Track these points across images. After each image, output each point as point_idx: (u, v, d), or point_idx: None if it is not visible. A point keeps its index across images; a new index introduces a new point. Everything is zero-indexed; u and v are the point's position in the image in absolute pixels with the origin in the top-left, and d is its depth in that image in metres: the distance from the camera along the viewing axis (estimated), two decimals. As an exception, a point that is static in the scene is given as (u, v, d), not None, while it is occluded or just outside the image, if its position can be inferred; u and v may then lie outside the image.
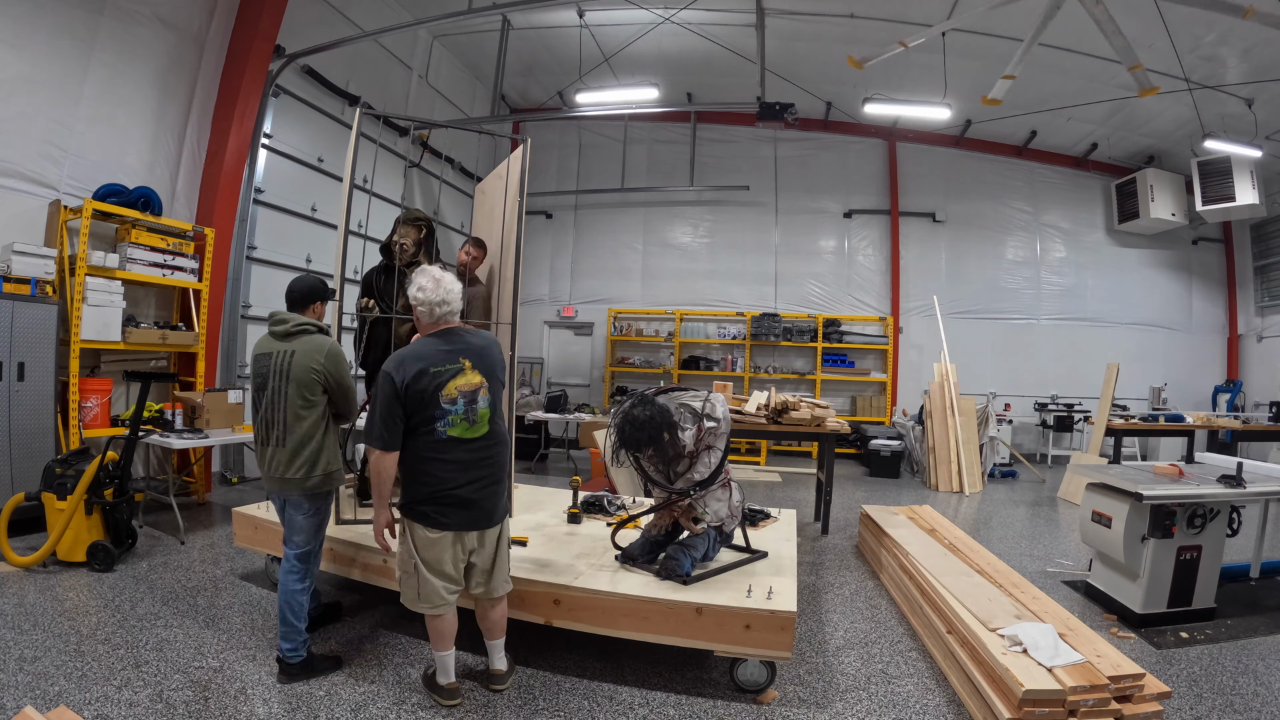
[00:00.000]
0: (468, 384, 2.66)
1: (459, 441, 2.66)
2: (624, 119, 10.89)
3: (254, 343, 3.19)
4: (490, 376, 2.72)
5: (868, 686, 3.09)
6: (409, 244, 4.18)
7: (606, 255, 12.12)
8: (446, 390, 2.62)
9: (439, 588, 2.69)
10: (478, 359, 2.71)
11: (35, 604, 3.55)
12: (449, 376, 2.64)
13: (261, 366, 2.97)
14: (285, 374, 2.90)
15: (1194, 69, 8.16)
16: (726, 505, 3.39)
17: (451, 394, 2.63)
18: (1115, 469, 4.48)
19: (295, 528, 2.98)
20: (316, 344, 2.95)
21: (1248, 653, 3.53)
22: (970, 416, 8.58)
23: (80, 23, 5.42)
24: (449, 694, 2.77)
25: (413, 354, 2.67)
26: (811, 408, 5.98)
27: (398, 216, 4.29)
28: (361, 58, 8.29)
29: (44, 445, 4.74)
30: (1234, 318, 11.65)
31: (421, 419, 2.62)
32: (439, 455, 2.64)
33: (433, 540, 2.67)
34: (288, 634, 2.89)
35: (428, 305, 2.71)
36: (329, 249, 7.82)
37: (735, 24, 8.54)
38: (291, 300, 3.10)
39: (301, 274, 3.34)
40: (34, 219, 5.20)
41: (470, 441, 2.68)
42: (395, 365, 2.63)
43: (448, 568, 2.69)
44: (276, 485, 2.96)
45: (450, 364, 2.65)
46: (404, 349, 2.73)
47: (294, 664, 2.90)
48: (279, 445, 2.92)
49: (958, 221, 11.63)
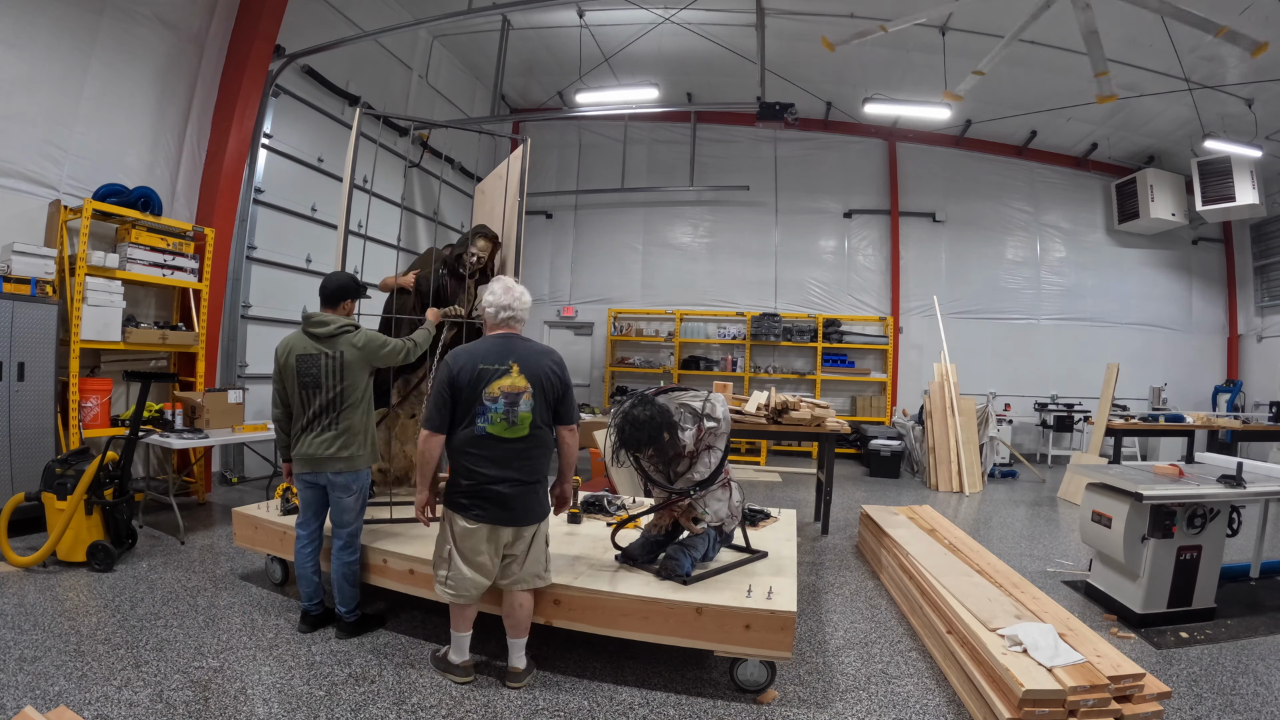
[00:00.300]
0: (512, 386, 2.81)
1: (496, 439, 2.80)
2: (624, 119, 10.89)
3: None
4: (536, 384, 2.85)
5: (868, 686, 3.09)
6: (486, 257, 4.29)
7: (606, 255, 12.13)
8: (490, 389, 2.79)
9: (469, 578, 2.84)
10: (526, 365, 2.85)
11: (35, 604, 3.55)
12: (495, 376, 2.81)
13: (311, 366, 3.27)
14: (339, 372, 3.27)
15: (1194, 69, 8.16)
16: (726, 505, 3.39)
17: (494, 393, 2.79)
18: (1115, 469, 4.48)
19: (343, 508, 3.32)
20: (355, 339, 3.32)
21: (1248, 653, 3.52)
22: (970, 416, 8.58)
23: (80, 23, 5.42)
24: (462, 672, 2.94)
25: (469, 349, 2.90)
26: (811, 408, 5.98)
27: (468, 230, 4.37)
28: (361, 58, 8.29)
29: (44, 445, 4.74)
30: (1234, 318, 11.66)
31: (466, 412, 2.80)
32: (476, 449, 2.80)
33: (469, 531, 2.83)
34: (344, 599, 3.34)
35: (495, 308, 2.96)
36: (329, 249, 7.82)
37: (735, 24, 8.54)
38: (324, 297, 3.41)
39: (334, 272, 3.59)
40: (34, 219, 5.20)
41: (508, 441, 2.81)
42: (453, 356, 2.87)
43: (483, 558, 2.84)
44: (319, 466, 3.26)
45: (499, 364, 2.82)
46: (466, 344, 2.97)
47: (351, 623, 3.34)
48: (330, 430, 3.26)
49: (958, 221, 11.63)
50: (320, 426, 3.26)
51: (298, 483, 3.38)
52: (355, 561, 3.37)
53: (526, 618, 2.95)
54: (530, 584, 2.93)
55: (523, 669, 2.94)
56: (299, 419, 3.32)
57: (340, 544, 3.33)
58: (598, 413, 9.16)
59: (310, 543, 3.38)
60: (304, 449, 3.28)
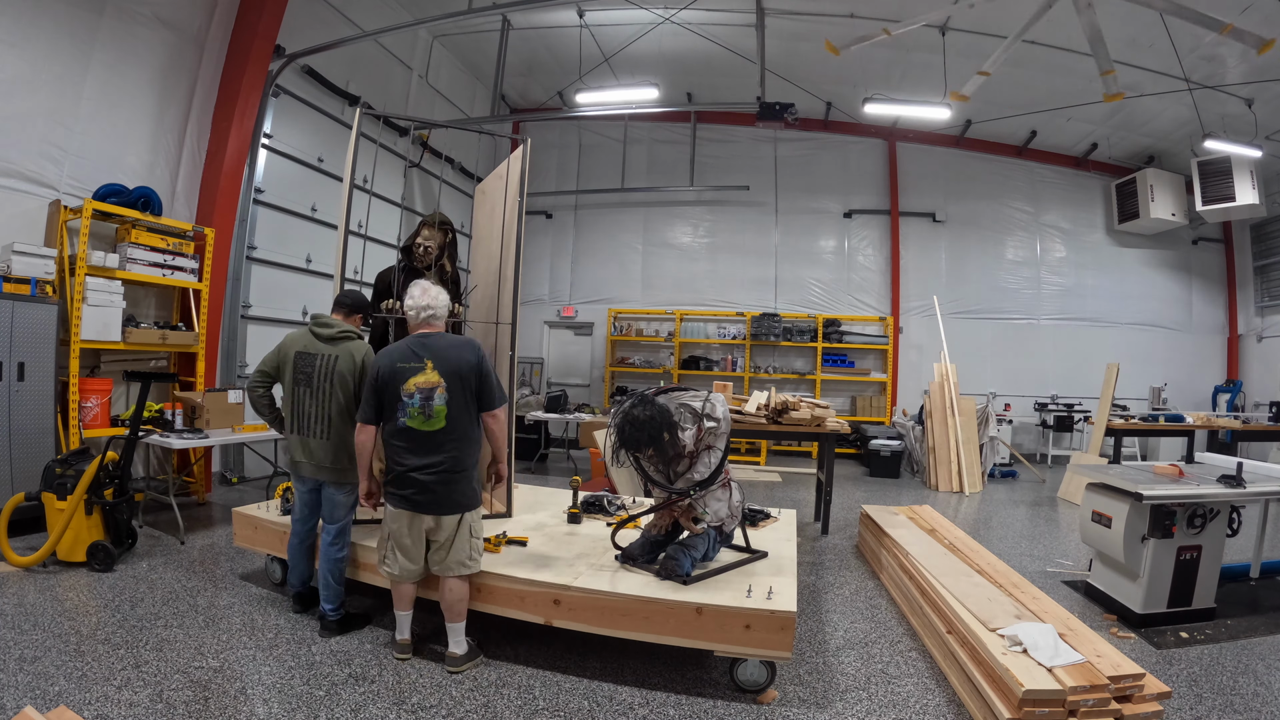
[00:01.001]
0: (426, 382, 2.99)
1: (413, 432, 2.99)
2: (624, 119, 10.89)
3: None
4: (453, 377, 3.01)
5: (868, 686, 3.09)
6: (433, 246, 4.22)
7: (606, 255, 12.12)
8: (406, 385, 2.99)
9: (398, 561, 3.08)
10: (440, 360, 3.02)
11: (35, 604, 3.55)
12: (411, 373, 3.00)
13: (307, 364, 3.39)
14: (330, 375, 3.36)
15: (1194, 69, 8.16)
16: (726, 505, 3.39)
17: (410, 389, 2.98)
18: (1115, 469, 4.48)
19: (335, 504, 3.43)
20: (355, 348, 3.43)
21: (1248, 653, 3.52)
22: (970, 416, 8.58)
23: (80, 23, 5.42)
24: (399, 649, 3.14)
25: (388, 350, 3.12)
26: (811, 408, 5.98)
27: (422, 219, 4.32)
28: (361, 58, 8.29)
29: (44, 445, 4.74)
30: (1234, 318, 11.66)
31: (389, 407, 3.02)
32: (398, 441, 3.02)
33: (394, 514, 3.07)
34: (329, 596, 3.39)
35: (415, 309, 3.16)
36: (329, 249, 7.82)
37: (735, 24, 8.54)
38: (342, 306, 3.60)
39: (352, 288, 3.78)
40: (34, 219, 5.20)
41: (425, 434, 2.99)
42: (378, 357, 3.12)
43: (405, 541, 3.06)
44: (312, 471, 3.40)
45: (414, 362, 3.02)
46: (388, 346, 3.18)
47: (334, 620, 3.39)
48: (323, 438, 3.36)
49: (958, 221, 11.63)
50: (317, 431, 3.37)
51: (293, 480, 3.52)
52: (344, 559, 3.43)
53: (457, 602, 3.07)
54: (456, 570, 3.06)
55: (460, 655, 3.05)
56: (290, 417, 3.44)
57: (329, 539, 3.41)
58: (598, 413, 9.16)
59: (305, 538, 3.56)
60: (299, 454, 3.41)
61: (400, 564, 3.08)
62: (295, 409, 3.41)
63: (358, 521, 3.82)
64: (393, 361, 3.03)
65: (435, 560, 3.09)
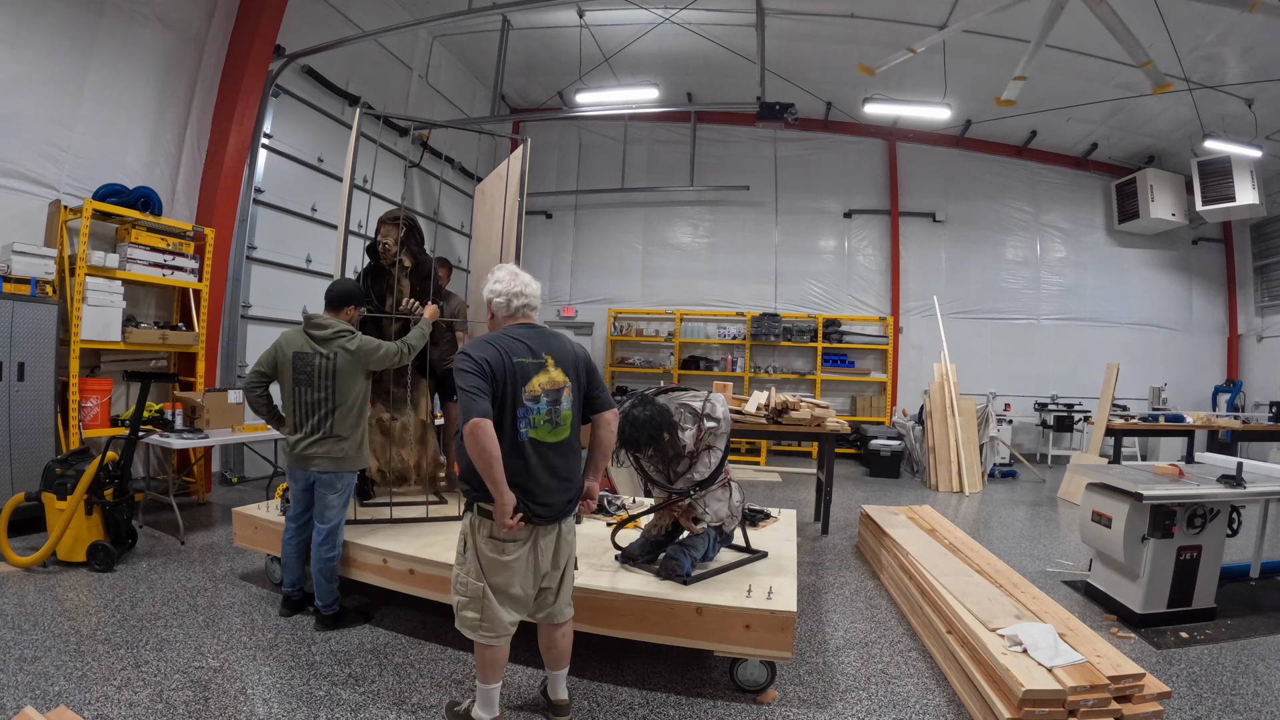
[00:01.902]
0: (551, 382, 2.40)
1: (540, 446, 2.38)
2: (624, 119, 10.89)
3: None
4: (574, 376, 2.47)
5: (868, 686, 3.09)
6: (391, 243, 4.20)
7: (606, 255, 12.12)
8: (530, 386, 2.36)
9: (507, 612, 2.42)
10: (561, 356, 2.46)
11: (35, 604, 3.55)
12: (533, 371, 2.38)
13: (306, 364, 3.38)
14: (331, 374, 3.38)
15: (1194, 69, 8.16)
16: (726, 505, 3.39)
17: (535, 390, 2.36)
18: (1115, 469, 4.48)
19: (326, 504, 3.42)
20: (349, 344, 3.43)
21: (1248, 653, 3.52)
22: (970, 416, 8.58)
23: (80, 23, 5.42)
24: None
25: (488, 341, 2.41)
26: (811, 408, 5.98)
27: (380, 216, 4.31)
28: (361, 58, 8.29)
29: (44, 445, 4.74)
30: (1234, 318, 11.65)
31: (501, 415, 2.32)
32: (516, 459, 2.34)
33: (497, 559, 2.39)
34: (322, 594, 3.42)
35: (506, 296, 2.50)
36: (329, 249, 7.82)
37: (735, 24, 8.54)
38: (329, 301, 3.56)
39: (340, 279, 3.76)
40: (34, 219, 5.20)
41: (552, 446, 2.41)
42: (475, 348, 2.38)
43: (515, 590, 2.41)
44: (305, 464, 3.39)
45: (533, 358, 2.40)
46: (480, 337, 2.52)
47: (328, 616, 3.42)
48: (326, 435, 3.37)
49: (958, 221, 11.63)
50: (311, 427, 3.39)
51: (289, 478, 3.54)
52: (334, 558, 3.44)
53: (569, 646, 2.65)
54: (568, 613, 2.62)
55: (568, 701, 2.68)
56: (291, 416, 3.45)
57: (319, 539, 3.41)
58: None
59: (297, 534, 3.55)
60: (297, 450, 3.41)
61: (509, 616, 2.42)
62: (297, 406, 3.42)
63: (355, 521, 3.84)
64: (508, 356, 2.35)
65: (543, 604, 2.53)
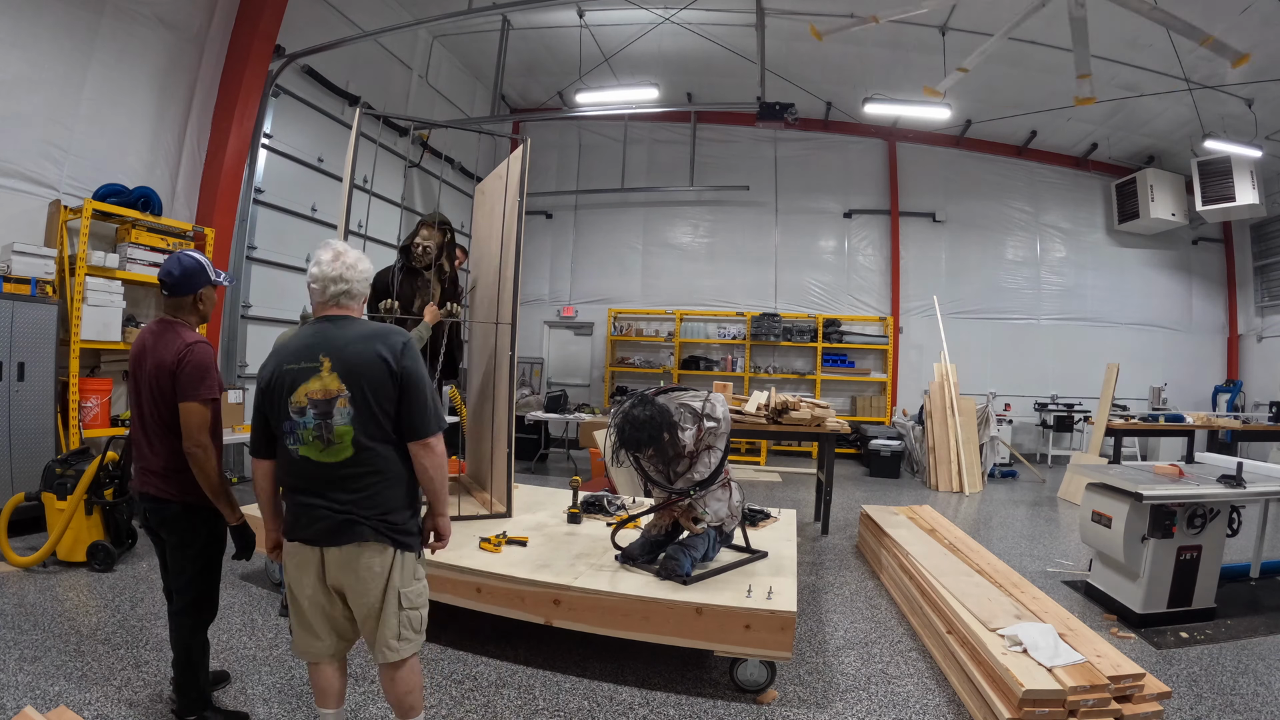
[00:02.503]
0: (323, 390, 2.00)
1: (310, 465, 2.02)
2: (624, 119, 10.88)
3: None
4: (354, 383, 2.00)
5: (868, 686, 3.09)
6: (432, 246, 4.22)
7: (606, 255, 12.12)
8: (296, 395, 2.01)
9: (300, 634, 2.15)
10: (340, 358, 2.02)
11: (35, 604, 3.55)
12: (303, 377, 2.02)
13: None
14: None
15: (1194, 69, 8.16)
16: (726, 505, 3.39)
17: (300, 401, 2.01)
18: (1115, 469, 4.48)
19: None
20: None
21: (1248, 653, 3.53)
22: (970, 416, 8.58)
23: (80, 23, 5.42)
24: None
25: (277, 346, 2.19)
26: (811, 408, 5.98)
27: (421, 219, 4.32)
28: (361, 58, 8.29)
29: (44, 445, 4.74)
30: (1234, 318, 11.65)
31: (277, 430, 2.06)
32: (289, 478, 2.08)
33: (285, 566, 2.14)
34: None
35: (321, 282, 2.10)
36: (329, 249, 7.81)
37: (735, 24, 8.54)
38: None
39: None
40: (34, 219, 5.20)
41: (327, 467, 2.01)
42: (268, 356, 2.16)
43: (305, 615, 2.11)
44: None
45: (308, 361, 2.03)
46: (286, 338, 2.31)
47: None
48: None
49: (958, 221, 11.63)
50: None
51: None
52: None
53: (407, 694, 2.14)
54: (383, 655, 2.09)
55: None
56: None
57: None
58: (598, 413, 9.16)
59: None
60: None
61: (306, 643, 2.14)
62: None
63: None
64: (280, 362, 2.06)
65: (367, 632, 2.12)
